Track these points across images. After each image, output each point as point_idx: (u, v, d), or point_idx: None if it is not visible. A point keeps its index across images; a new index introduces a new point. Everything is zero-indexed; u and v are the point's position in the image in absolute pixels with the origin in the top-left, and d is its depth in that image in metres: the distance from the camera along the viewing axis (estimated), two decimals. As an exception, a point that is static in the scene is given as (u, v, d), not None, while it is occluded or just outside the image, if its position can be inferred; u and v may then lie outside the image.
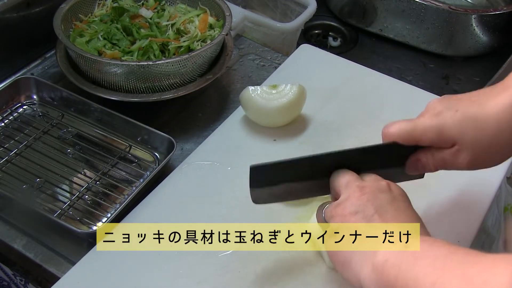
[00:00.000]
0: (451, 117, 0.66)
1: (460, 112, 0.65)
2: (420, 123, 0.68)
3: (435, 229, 0.79)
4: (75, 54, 0.94)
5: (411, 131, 0.68)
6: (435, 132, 0.67)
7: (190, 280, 0.73)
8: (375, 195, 0.64)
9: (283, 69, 1.06)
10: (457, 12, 1.33)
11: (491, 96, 0.65)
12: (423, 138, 0.68)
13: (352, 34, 1.49)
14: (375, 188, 0.65)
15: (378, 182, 0.66)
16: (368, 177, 0.68)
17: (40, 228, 0.81)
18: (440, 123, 0.67)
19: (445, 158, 0.68)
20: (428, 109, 0.69)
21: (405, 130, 0.69)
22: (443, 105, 0.67)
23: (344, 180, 0.67)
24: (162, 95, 0.95)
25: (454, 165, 0.68)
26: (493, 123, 0.64)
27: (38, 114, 0.97)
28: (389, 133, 0.70)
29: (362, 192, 0.64)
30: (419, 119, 0.69)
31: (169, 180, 0.86)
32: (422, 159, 0.70)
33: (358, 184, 0.66)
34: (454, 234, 0.79)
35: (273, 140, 0.93)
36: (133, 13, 1.02)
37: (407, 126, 0.69)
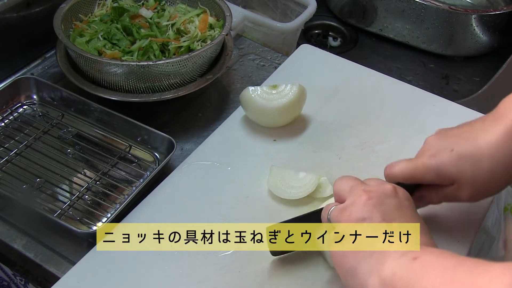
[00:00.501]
0: (447, 157, 0.69)
1: (455, 152, 0.68)
2: (420, 164, 0.71)
3: (435, 230, 0.79)
4: (75, 54, 0.94)
5: (413, 172, 0.72)
6: (434, 172, 0.70)
7: (190, 280, 0.73)
8: (382, 200, 0.64)
9: (283, 69, 1.06)
10: (457, 12, 1.33)
11: (482, 132, 0.68)
12: (424, 178, 0.72)
13: (352, 34, 1.49)
14: (381, 192, 0.65)
15: (384, 185, 0.66)
16: (372, 181, 0.68)
17: (40, 228, 0.81)
18: (437, 164, 0.70)
19: (447, 194, 0.72)
20: (425, 149, 0.72)
21: (407, 171, 0.72)
22: (439, 145, 0.71)
23: (348, 185, 0.67)
24: (162, 95, 0.95)
25: (456, 199, 0.72)
26: (487, 159, 0.67)
27: (38, 114, 0.97)
28: (392, 174, 0.73)
29: (368, 197, 0.64)
30: (419, 160, 0.72)
31: (169, 180, 0.86)
32: (426, 196, 0.74)
33: (364, 188, 0.66)
34: (454, 234, 0.79)
35: (273, 140, 0.93)
36: (133, 13, 1.02)
37: (408, 167, 0.72)
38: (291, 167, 0.86)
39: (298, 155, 0.90)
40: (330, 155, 0.90)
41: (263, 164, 0.87)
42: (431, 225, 0.79)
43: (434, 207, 0.82)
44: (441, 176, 0.70)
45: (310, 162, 0.89)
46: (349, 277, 0.62)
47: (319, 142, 0.92)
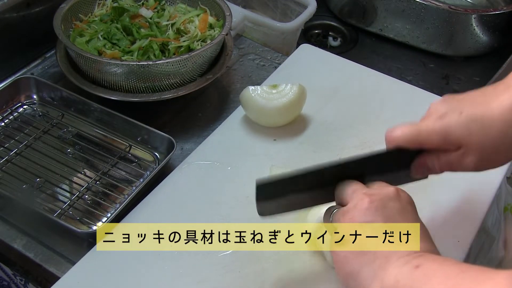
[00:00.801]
0: (455, 119, 0.65)
1: (464, 114, 0.64)
2: (424, 126, 0.67)
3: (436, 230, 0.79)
4: (75, 54, 0.94)
5: (416, 135, 0.67)
6: (440, 135, 0.66)
7: (190, 280, 0.73)
8: (384, 204, 0.63)
9: (283, 69, 1.06)
10: (457, 12, 1.33)
11: (494, 96, 0.64)
12: (428, 142, 0.67)
13: (352, 34, 1.49)
14: (384, 195, 0.63)
15: (386, 188, 0.65)
16: (374, 185, 0.67)
17: (40, 228, 0.81)
18: (444, 126, 0.65)
19: (451, 161, 0.67)
20: (431, 112, 0.68)
21: (409, 134, 0.68)
22: (447, 107, 0.66)
23: (350, 188, 0.66)
24: (162, 95, 0.95)
25: (461, 167, 0.67)
26: (498, 124, 0.63)
27: (38, 114, 0.97)
28: (393, 137, 0.69)
29: (370, 200, 0.62)
30: (423, 123, 0.67)
31: (169, 180, 0.86)
32: (427, 163, 0.69)
33: (366, 191, 0.64)
34: (454, 234, 0.79)
35: (273, 140, 0.93)
36: (133, 13, 1.02)
37: (411, 130, 0.68)
38: (291, 167, 0.86)
39: (298, 155, 0.90)
40: (330, 155, 0.90)
41: (263, 164, 0.87)
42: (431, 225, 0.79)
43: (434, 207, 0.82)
44: (447, 139, 0.65)
45: (310, 162, 0.88)
46: (350, 281, 0.61)
47: (319, 142, 0.92)
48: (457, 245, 0.78)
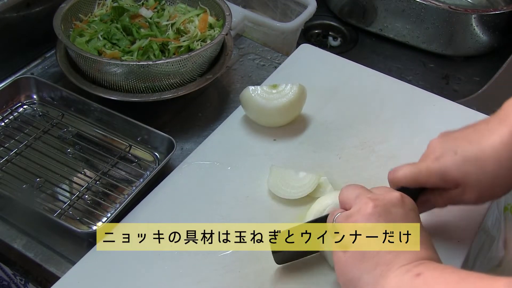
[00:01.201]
0: (451, 160, 0.68)
1: (459, 155, 0.68)
2: (424, 167, 0.70)
3: (436, 230, 0.79)
4: (75, 54, 0.94)
5: (417, 176, 0.71)
6: (438, 176, 0.69)
7: (190, 280, 0.73)
8: (388, 209, 0.63)
9: (283, 68, 1.06)
10: (457, 12, 1.33)
11: (487, 134, 0.67)
12: (428, 182, 0.71)
13: (352, 34, 1.49)
14: (388, 201, 0.64)
15: (390, 194, 0.65)
16: (378, 189, 0.67)
17: (40, 228, 0.81)
18: (441, 167, 0.69)
19: (452, 198, 0.71)
20: (429, 152, 0.71)
21: (410, 175, 0.71)
22: (443, 147, 0.70)
23: (354, 193, 0.66)
24: (162, 95, 0.95)
25: (463, 202, 0.71)
26: (492, 162, 0.66)
27: (38, 113, 0.97)
28: (396, 179, 0.72)
29: (374, 205, 0.63)
30: (422, 164, 0.71)
31: (169, 180, 0.86)
32: (431, 200, 0.73)
33: (370, 196, 0.64)
34: (454, 234, 0.79)
35: (273, 140, 0.93)
36: (133, 13, 1.02)
37: (412, 171, 0.71)
38: (291, 167, 0.86)
39: (298, 155, 0.90)
40: (330, 155, 0.90)
41: (263, 164, 0.87)
42: (432, 225, 0.79)
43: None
44: (445, 180, 0.69)
45: (310, 162, 0.89)
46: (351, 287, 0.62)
47: (319, 142, 0.92)
48: (457, 245, 0.78)
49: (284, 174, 0.84)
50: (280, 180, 0.84)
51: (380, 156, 0.90)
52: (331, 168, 0.88)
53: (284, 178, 0.84)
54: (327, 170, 0.87)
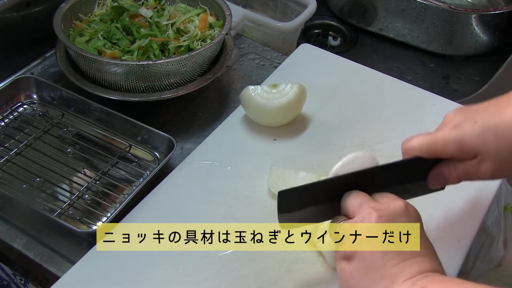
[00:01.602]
0: (470, 128, 0.65)
1: (478, 124, 0.65)
2: (440, 136, 0.67)
3: (436, 229, 0.80)
4: (75, 54, 0.94)
5: (432, 144, 0.68)
6: (456, 144, 0.66)
7: (190, 279, 0.73)
8: (392, 219, 0.62)
9: (283, 68, 1.06)
10: (457, 12, 1.33)
11: (508, 105, 0.65)
12: (445, 151, 0.67)
13: (352, 33, 1.49)
14: (392, 211, 0.63)
15: (394, 203, 0.64)
16: (382, 197, 0.66)
17: (40, 228, 0.81)
18: (460, 136, 0.66)
19: (468, 170, 0.68)
20: (445, 122, 0.69)
21: (426, 144, 0.68)
22: (461, 117, 0.67)
23: (357, 201, 0.65)
24: (162, 95, 0.95)
25: (477, 176, 0.68)
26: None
27: (38, 113, 0.97)
28: (409, 147, 0.70)
29: (378, 215, 0.62)
30: (439, 132, 0.68)
31: (169, 179, 0.86)
32: (444, 172, 0.70)
33: (373, 206, 0.63)
34: (454, 234, 0.79)
35: (273, 140, 0.93)
36: (133, 13, 1.02)
37: (427, 140, 0.68)
38: (291, 166, 0.86)
39: (298, 154, 0.90)
40: (330, 155, 0.90)
41: (263, 164, 0.87)
42: (431, 225, 0.79)
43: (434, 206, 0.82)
44: (463, 149, 0.66)
45: (310, 162, 0.89)
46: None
47: (319, 141, 0.92)
48: (457, 245, 0.78)
49: (284, 174, 0.84)
50: (280, 179, 0.84)
51: (380, 155, 0.89)
52: (331, 168, 0.87)
53: (284, 177, 0.84)
54: (327, 170, 0.86)
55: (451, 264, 0.76)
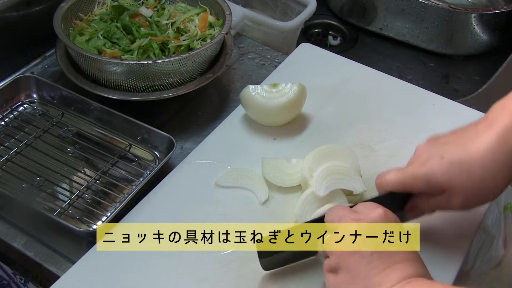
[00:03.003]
0: (437, 164, 0.67)
1: (446, 159, 0.67)
2: (410, 172, 0.70)
3: (436, 229, 0.79)
4: (75, 53, 0.94)
5: (403, 180, 0.70)
6: (424, 181, 0.68)
7: (190, 279, 0.73)
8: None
9: (283, 68, 1.06)
10: (457, 11, 1.33)
11: (474, 137, 0.66)
12: (414, 187, 0.70)
13: (352, 33, 1.49)
14: (371, 219, 0.64)
15: (373, 212, 0.65)
16: (362, 207, 0.66)
17: (40, 227, 0.81)
18: (427, 172, 0.68)
19: (439, 203, 0.70)
20: (416, 156, 0.71)
21: (396, 180, 0.71)
22: (430, 152, 0.69)
23: (337, 215, 0.66)
24: (162, 94, 0.95)
25: (449, 208, 0.70)
26: (478, 166, 0.65)
27: (38, 112, 0.97)
28: (383, 183, 0.72)
29: (357, 226, 0.63)
30: (408, 169, 0.70)
31: (169, 179, 0.86)
32: (418, 206, 0.72)
33: (353, 217, 0.64)
34: (454, 233, 0.79)
35: (273, 139, 0.93)
36: (133, 12, 1.02)
37: (398, 176, 0.71)
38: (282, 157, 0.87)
39: (298, 154, 0.90)
40: (330, 154, 0.90)
41: (263, 163, 0.87)
42: (431, 224, 0.79)
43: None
44: (431, 184, 0.68)
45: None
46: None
47: (319, 141, 0.92)
48: (457, 244, 0.78)
49: (276, 164, 0.85)
50: (276, 169, 0.85)
51: (380, 155, 0.90)
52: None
53: (278, 167, 0.85)
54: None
55: (451, 263, 0.76)
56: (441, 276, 0.74)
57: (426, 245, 0.77)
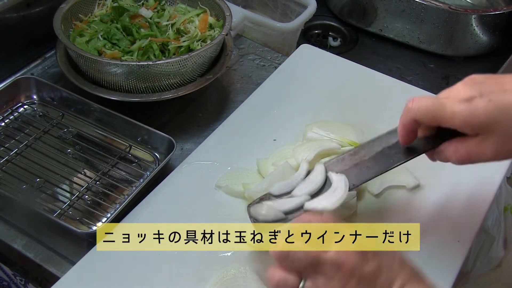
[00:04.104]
0: (483, 106, 0.63)
1: (493, 102, 0.63)
2: (449, 106, 0.65)
3: (436, 230, 0.79)
4: (75, 54, 0.94)
5: (438, 111, 0.66)
6: (464, 118, 0.64)
7: (190, 279, 0.73)
8: None
9: (283, 69, 1.06)
10: (457, 12, 1.33)
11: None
12: (449, 121, 0.66)
13: (352, 34, 1.49)
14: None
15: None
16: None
17: (40, 228, 0.81)
18: (471, 110, 0.64)
19: (470, 148, 0.66)
20: (455, 93, 0.67)
21: (432, 108, 0.67)
22: (475, 91, 0.65)
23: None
24: (162, 95, 0.95)
25: (479, 156, 0.66)
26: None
27: (38, 114, 0.97)
28: (414, 108, 0.68)
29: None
30: (448, 101, 0.66)
31: (169, 180, 0.86)
32: (446, 151, 0.68)
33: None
34: (454, 234, 0.79)
35: (273, 140, 0.93)
36: (133, 13, 1.02)
37: (434, 104, 0.67)
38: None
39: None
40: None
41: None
42: (432, 225, 0.79)
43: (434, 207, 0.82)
44: (470, 123, 0.64)
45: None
46: None
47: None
48: (457, 245, 0.78)
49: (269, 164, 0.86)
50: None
51: (380, 156, 0.90)
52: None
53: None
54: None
55: (451, 264, 0.76)
56: (441, 276, 0.74)
57: (426, 245, 0.77)
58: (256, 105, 0.98)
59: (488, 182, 0.86)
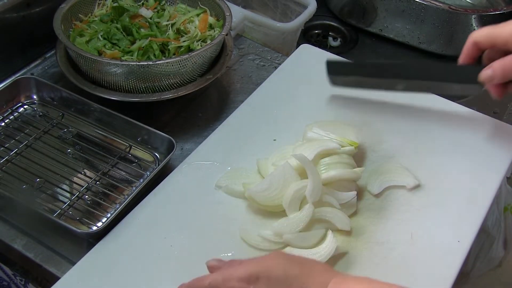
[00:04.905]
0: None
1: None
2: (504, 25, 0.79)
3: (436, 230, 0.79)
4: (75, 54, 0.94)
5: (494, 29, 0.81)
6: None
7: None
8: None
9: (283, 69, 1.06)
10: (457, 12, 1.33)
11: None
12: (504, 38, 0.80)
13: (352, 34, 1.49)
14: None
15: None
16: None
17: (40, 228, 0.81)
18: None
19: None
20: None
21: (489, 29, 0.81)
22: None
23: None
24: (162, 95, 0.95)
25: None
26: None
27: (39, 114, 0.97)
28: (474, 32, 0.83)
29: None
30: (505, 24, 0.80)
31: (169, 180, 0.86)
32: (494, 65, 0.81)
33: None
34: (454, 234, 0.79)
35: (273, 140, 0.93)
36: (133, 13, 1.02)
37: (491, 28, 0.81)
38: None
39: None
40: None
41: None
42: (432, 225, 0.79)
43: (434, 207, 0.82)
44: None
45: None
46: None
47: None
48: (457, 245, 0.78)
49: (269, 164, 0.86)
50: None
51: (380, 156, 0.90)
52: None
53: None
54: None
55: (451, 264, 0.76)
56: (441, 277, 0.74)
57: (426, 245, 0.77)
58: (256, 105, 0.98)
59: (488, 182, 0.86)
